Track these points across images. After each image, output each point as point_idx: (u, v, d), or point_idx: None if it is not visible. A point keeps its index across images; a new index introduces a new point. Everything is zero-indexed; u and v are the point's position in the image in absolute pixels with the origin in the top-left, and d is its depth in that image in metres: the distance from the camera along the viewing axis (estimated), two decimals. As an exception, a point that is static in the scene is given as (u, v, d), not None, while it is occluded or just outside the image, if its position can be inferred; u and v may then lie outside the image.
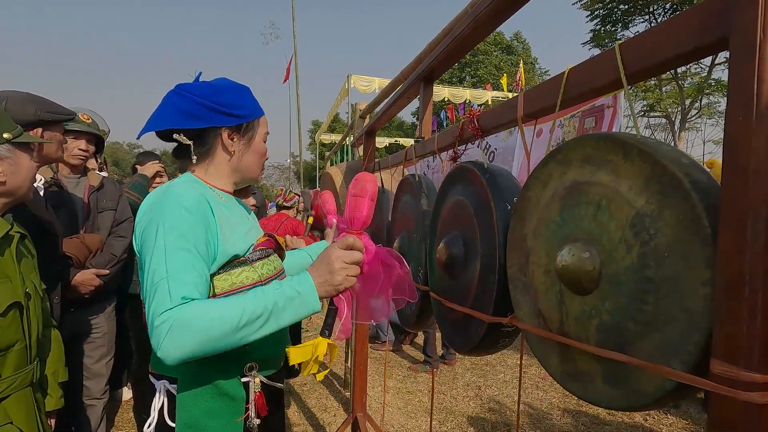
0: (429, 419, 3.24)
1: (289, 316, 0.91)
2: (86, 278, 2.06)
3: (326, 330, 0.96)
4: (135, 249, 1.05)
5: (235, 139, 1.09)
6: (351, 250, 0.96)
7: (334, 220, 1.63)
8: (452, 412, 3.38)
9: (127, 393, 3.42)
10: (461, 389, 3.80)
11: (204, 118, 1.04)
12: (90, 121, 2.20)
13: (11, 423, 1.13)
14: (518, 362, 4.12)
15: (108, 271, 2.17)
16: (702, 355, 0.54)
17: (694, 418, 3.23)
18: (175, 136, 1.06)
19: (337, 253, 0.95)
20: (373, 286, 1.03)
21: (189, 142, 1.06)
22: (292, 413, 3.33)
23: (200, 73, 1.13)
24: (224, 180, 1.13)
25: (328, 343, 0.93)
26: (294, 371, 4.03)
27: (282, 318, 0.90)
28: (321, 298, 0.94)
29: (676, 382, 0.57)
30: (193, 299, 0.88)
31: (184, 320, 0.83)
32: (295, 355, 0.90)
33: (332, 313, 0.98)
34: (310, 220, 3.76)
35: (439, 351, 4.44)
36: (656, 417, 3.26)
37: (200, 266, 0.93)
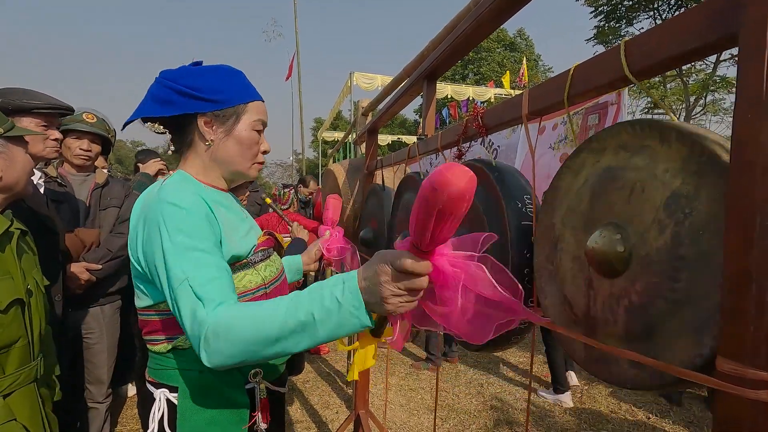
0: (431, 416, 3.25)
1: (334, 331, 0.73)
2: (75, 271, 2.01)
3: (378, 332, 0.80)
4: (132, 259, 0.96)
5: (214, 127, 0.99)
6: (411, 276, 0.68)
7: (327, 232, 1.55)
8: (454, 410, 3.38)
9: (131, 389, 3.43)
10: (463, 386, 3.81)
11: (177, 103, 0.96)
12: (94, 120, 2.18)
13: (15, 420, 1.13)
14: (521, 360, 4.10)
15: (100, 266, 2.11)
16: None
17: (697, 416, 3.23)
18: (147, 125, 0.99)
19: (384, 277, 0.68)
20: (449, 309, 0.71)
21: (162, 131, 1.01)
22: (295, 410, 3.34)
23: (200, 62, 1.05)
24: (211, 175, 1.04)
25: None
26: (296, 368, 4.04)
27: (322, 331, 0.73)
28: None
29: (702, 361, 0.57)
30: (221, 302, 0.81)
31: (219, 327, 0.76)
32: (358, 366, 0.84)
33: (383, 322, 0.78)
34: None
35: (441, 348, 4.45)
36: (659, 415, 3.26)
37: (217, 260, 0.87)
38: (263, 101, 1.06)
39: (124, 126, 1.03)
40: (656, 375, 0.66)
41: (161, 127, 1.02)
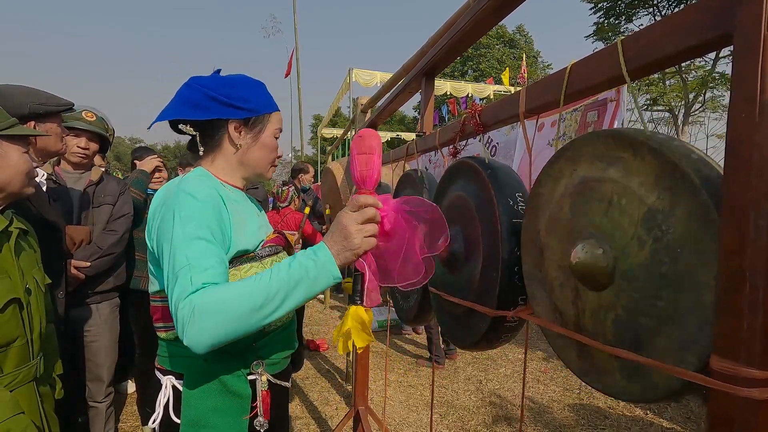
0: (430, 413, 3.26)
1: (310, 288, 0.87)
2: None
3: (357, 297, 0.91)
4: (149, 244, 1.04)
5: (242, 133, 1.09)
6: (364, 208, 0.89)
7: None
8: (453, 406, 3.40)
9: (131, 386, 3.44)
10: (462, 383, 3.82)
11: (210, 109, 1.05)
12: (93, 119, 2.17)
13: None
14: (519, 356, 4.12)
15: (88, 264, 2.09)
16: None
17: (694, 412, 3.25)
18: (180, 126, 1.08)
19: (349, 215, 0.89)
20: (399, 242, 0.94)
21: (194, 133, 1.09)
22: (295, 407, 3.35)
23: (219, 70, 1.13)
24: (232, 174, 1.13)
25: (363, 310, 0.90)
26: (296, 365, 4.05)
27: (301, 290, 0.86)
28: (341, 267, 0.89)
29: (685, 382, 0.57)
30: (213, 284, 0.86)
31: (204, 305, 0.81)
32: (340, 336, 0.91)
33: (359, 279, 0.92)
34: (307, 210, 3.76)
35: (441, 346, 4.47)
36: (657, 411, 3.27)
37: (219, 253, 0.93)
38: (280, 111, 1.18)
39: (151, 125, 1.09)
40: (647, 388, 0.65)
41: (191, 129, 1.10)
